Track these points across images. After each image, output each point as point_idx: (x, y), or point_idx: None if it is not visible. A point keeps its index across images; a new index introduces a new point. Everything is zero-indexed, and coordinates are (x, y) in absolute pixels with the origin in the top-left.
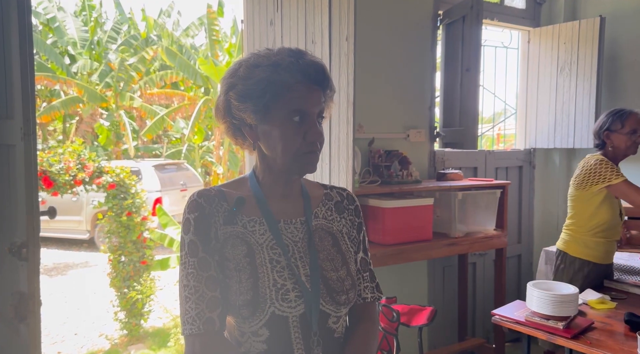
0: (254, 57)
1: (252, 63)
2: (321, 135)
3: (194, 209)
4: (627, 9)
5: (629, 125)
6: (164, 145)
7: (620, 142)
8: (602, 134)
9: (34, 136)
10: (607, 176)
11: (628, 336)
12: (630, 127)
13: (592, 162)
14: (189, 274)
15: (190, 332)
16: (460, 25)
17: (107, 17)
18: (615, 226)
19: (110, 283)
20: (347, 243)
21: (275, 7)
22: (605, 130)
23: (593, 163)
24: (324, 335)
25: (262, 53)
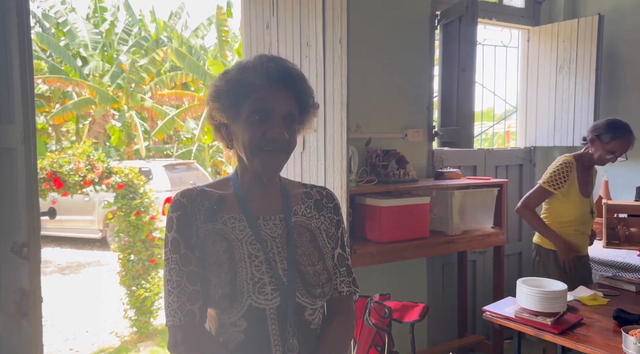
0: (234, 64)
1: (226, 69)
2: (282, 134)
3: (177, 208)
4: (625, 7)
5: (614, 145)
6: (174, 145)
7: (597, 152)
8: (591, 135)
9: (34, 140)
10: (546, 175)
11: (616, 332)
12: (613, 147)
13: (558, 162)
14: (171, 269)
15: (172, 324)
16: (456, 25)
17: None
18: (585, 222)
19: (120, 282)
20: (324, 240)
21: (271, 12)
22: (596, 135)
23: (557, 163)
24: (300, 326)
25: (240, 60)
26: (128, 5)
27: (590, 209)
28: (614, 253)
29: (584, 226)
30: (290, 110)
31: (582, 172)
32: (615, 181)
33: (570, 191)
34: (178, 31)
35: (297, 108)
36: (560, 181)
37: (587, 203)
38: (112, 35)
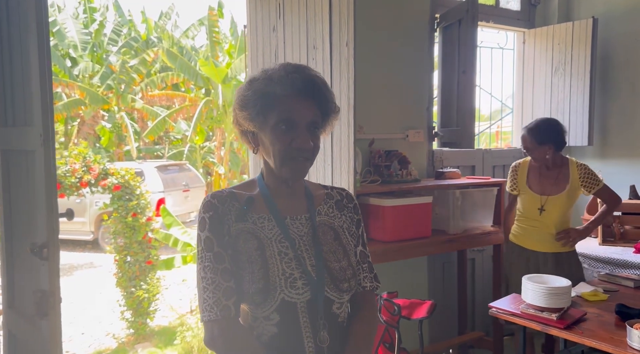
0: (258, 72)
1: (252, 77)
2: (308, 143)
3: (209, 209)
4: (618, 10)
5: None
6: (165, 146)
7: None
8: None
9: (53, 142)
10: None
11: (618, 326)
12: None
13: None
14: (205, 267)
15: (209, 318)
16: (456, 28)
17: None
18: (533, 218)
19: (116, 283)
20: (347, 237)
21: (277, 14)
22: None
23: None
24: (329, 319)
25: (265, 68)
26: (117, 6)
27: (539, 206)
28: (610, 251)
29: (532, 222)
30: (314, 119)
31: (537, 171)
32: (609, 181)
33: (522, 189)
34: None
35: (320, 115)
36: (512, 183)
37: (537, 199)
38: (101, 35)
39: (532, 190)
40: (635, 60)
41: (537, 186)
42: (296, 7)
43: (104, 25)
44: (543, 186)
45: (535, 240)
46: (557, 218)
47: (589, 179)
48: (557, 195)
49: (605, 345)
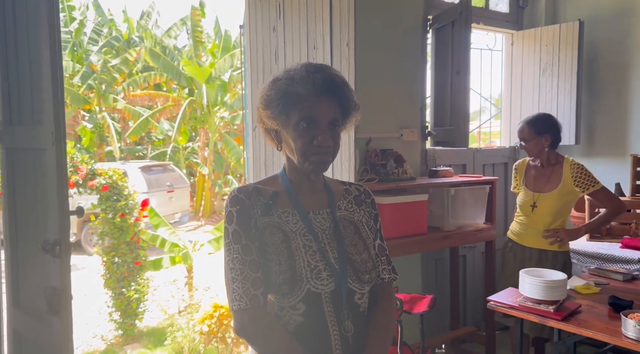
0: (281, 73)
1: (276, 77)
2: (328, 140)
3: (236, 203)
4: (603, 13)
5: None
6: (148, 147)
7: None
8: None
9: (64, 140)
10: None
11: (612, 316)
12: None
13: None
14: (234, 258)
15: (239, 307)
16: (449, 30)
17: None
18: (526, 214)
19: (104, 284)
20: (366, 231)
21: (277, 15)
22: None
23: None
24: (352, 309)
25: (288, 68)
26: (97, 5)
27: (531, 203)
28: (598, 246)
29: (525, 218)
30: (334, 116)
31: (531, 169)
32: None
33: (521, 187)
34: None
35: (340, 112)
36: (515, 181)
37: (530, 196)
38: (81, 34)
39: (527, 188)
40: (619, 62)
41: (531, 184)
42: (296, 8)
43: (84, 24)
44: (537, 184)
45: (528, 235)
46: (547, 216)
47: (582, 179)
48: (548, 193)
49: (601, 335)
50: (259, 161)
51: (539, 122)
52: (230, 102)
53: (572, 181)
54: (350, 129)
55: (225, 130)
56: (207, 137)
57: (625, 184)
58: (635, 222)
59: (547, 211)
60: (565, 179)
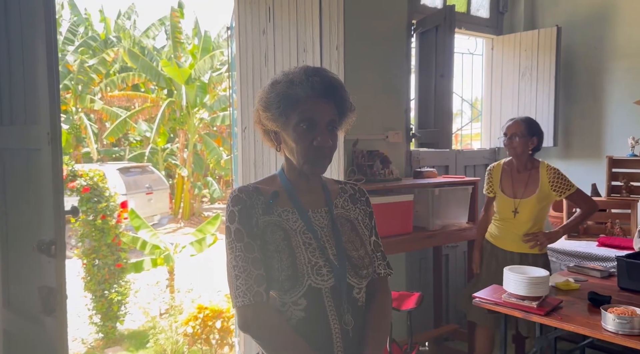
0: (280, 75)
1: (275, 80)
2: (327, 141)
3: (237, 202)
4: (580, 19)
5: (506, 131)
6: (126, 148)
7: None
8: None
9: (60, 140)
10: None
11: (592, 311)
12: (506, 132)
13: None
14: (236, 256)
15: (243, 303)
16: (433, 34)
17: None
18: (507, 220)
19: (84, 287)
20: (362, 228)
21: (267, 18)
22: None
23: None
24: (351, 304)
25: (286, 71)
26: (73, 4)
27: (513, 209)
28: (576, 244)
29: (507, 223)
30: (332, 118)
31: (509, 174)
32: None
33: (497, 192)
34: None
35: (337, 114)
36: (487, 184)
37: (510, 202)
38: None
39: (505, 193)
40: (595, 67)
41: (509, 189)
42: (286, 11)
43: (59, 24)
44: (515, 189)
45: (509, 240)
46: (529, 221)
47: (559, 183)
48: (528, 198)
49: (582, 328)
50: (248, 161)
51: (534, 123)
52: (210, 103)
53: (549, 185)
54: (346, 130)
55: (205, 132)
56: (186, 138)
57: (601, 185)
58: (610, 221)
59: (528, 217)
60: (542, 184)
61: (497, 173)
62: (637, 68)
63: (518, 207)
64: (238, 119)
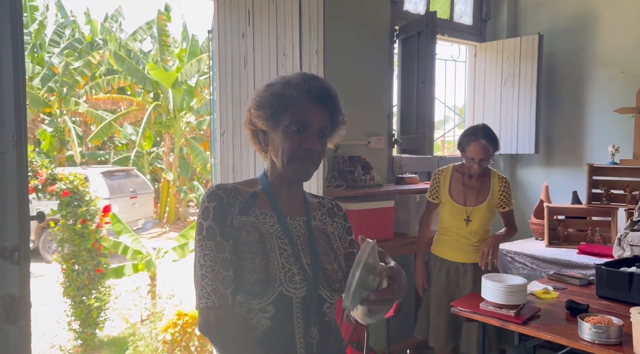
0: (276, 78)
1: (271, 82)
2: (317, 146)
3: (214, 199)
4: (561, 27)
5: (468, 152)
6: (110, 152)
7: (465, 161)
8: (458, 146)
9: (25, 143)
10: (428, 189)
11: (569, 320)
12: (469, 153)
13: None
14: (205, 255)
15: (206, 305)
16: (415, 41)
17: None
18: (460, 229)
19: (63, 293)
20: (338, 243)
21: (246, 21)
22: (459, 144)
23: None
24: (319, 317)
25: (283, 75)
26: (60, 6)
27: (465, 217)
28: (556, 252)
29: (457, 233)
30: (324, 125)
31: (459, 180)
32: (554, 186)
33: (443, 198)
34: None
35: (329, 123)
36: (433, 189)
37: (462, 210)
38: (41, 35)
39: (454, 200)
40: (575, 74)
41: (459, 196)
42: (266, 15)
43: (44, 26)
44: (466, 196)
45: (461, 251)
46: (480, 229)
47: (506, 195)
48: (479, 206)
49: (559, 338)
50: (226, 166)
51: (495, 138)
52: (197, 107)
53: (498, 194)
54: (334, 142)
55: (191, 135)
56: (172, 142)
57: (582, 192)
58: (591, 229)
59: (480, 225)
60: (493, 192)
61: (445, 179)
62: (618, 76)
63: (470, 215)
64: (217, 123)
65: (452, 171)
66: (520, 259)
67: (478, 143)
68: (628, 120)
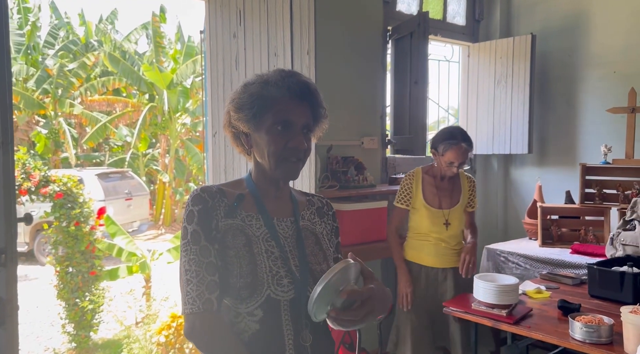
0: (253, 77)
1: (248, 81)
2: (302, 144)
3: (198, 202)
4: (554, 28)
5: (448, 155)
6: (106, 153)
7: (440, 164)
8: (431, 148)
9: (12, 145)
10: (397, 194)
11: (561, 320)
12: (448, 157)
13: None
14: (190, 260)
15: (191, 311)
16: (408, 41)
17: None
18: (440, 233)
19: (57, 295)
20: (327, 243)
21: (238, 21)
22: (433, 147)
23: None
24: (309, 318)
25: (259, 74)
26: (54, 7)
27: (444, 221)
28: (549, 252)
29: (437, 238)
30: (307, 121)
31: (431, 184)
32: (547, 186)
33: (417, 204)
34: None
35: (312, 118)
36: (405, 195)
37: (440, 214)
38: (35, 37)
39: (430, 205)
40: (568, 74)
41: (434, 200)
42: (257, 15)
43: (38, 27)
44: (440, 199)
45: (440, 255)
46: (458, 231)
47: (473, 196)
48: (455, 208)
49: (550, 337)
50: (219, 167)
51: (471, 139)
52: (192, 108)
53: (468, 195)
54: (318, 137)
55: (187, 137)
56: (167, 143)
57: (575, 192)
58: (584, 228)
59: (458, 227)
60: (464, 192)
61: (417, 183)
62: (610, 77)
63: (449, 218)
64: (209, 123)
65: (423, 174)
66: (514, 259)
67: (459, 147)
68: (620, 119)
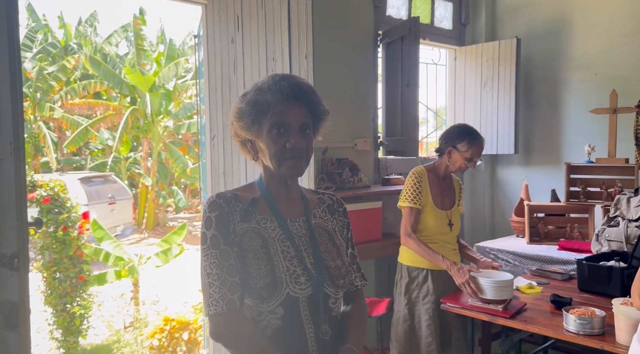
0: (249, 87)
1: (244, 92)
2: (301, 143)
3: (215, 208)
4: (537, 32)
5: (471, 152)
6: (87, 158)
7: (456, 161)
8: (446, 147)
9: (24, 150)
10: (402, 194)
11: (554, 313)
12: (471, 154)
13: (409, 176)
14: (211, 263)
15: (215, 312)
16: (399, 45)
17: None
18: (445, 233)
19: (44, 301)
20: (339, 239)
21: (235, 27)
22: (452, 145)
23: (408, 177)
24: (327, 313)
25: (255, 82)
26: (32, 10)
27: (447, 221)
28: (537, 248)
29: (443, 239)
30: (305, 121)
31: (435, 184)
32: (533, 185)
33: (426, 203)
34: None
35: (310, 117)
36: (416, 194)
37: (444, 215)
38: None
39: (436, 206)
40: (552, 76)
41: (438, 200)
42: (255, 20)
43: None
44: (443, 199)
45: (448, 257)
46: (457, 232)
47: (461, 197)
48: (453, 208)
49: (545, 330)
50: (217, 171)
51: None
52: (175, 111)
53: (458, 195)
54: (322, 135)
55: (169, 140)
56: (150, 146)
57: (561, 190)
58: (570, 225)
59: (458, 228)
60: (457, 193)
61: (425, 182)
62: (592, 78)
63: (451, 219)
64: (207, 127)
65: (428, 174)
66: (503, 256)
67: (480, 143)
68: (603, 120)
